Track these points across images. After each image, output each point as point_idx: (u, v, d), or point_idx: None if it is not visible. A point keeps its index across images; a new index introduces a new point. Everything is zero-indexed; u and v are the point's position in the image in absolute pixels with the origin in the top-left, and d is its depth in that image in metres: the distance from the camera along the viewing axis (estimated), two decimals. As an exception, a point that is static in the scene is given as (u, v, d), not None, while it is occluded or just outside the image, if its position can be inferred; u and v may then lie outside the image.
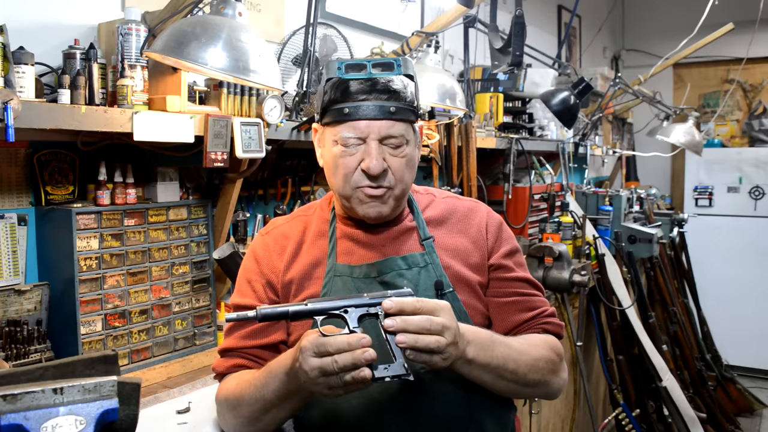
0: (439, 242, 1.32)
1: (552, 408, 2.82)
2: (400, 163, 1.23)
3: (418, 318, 1.05)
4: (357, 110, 1.19)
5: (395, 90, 1.21)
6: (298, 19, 2.32)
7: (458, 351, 1.10)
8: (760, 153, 5.22)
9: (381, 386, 1.20)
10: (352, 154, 1.22)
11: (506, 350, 1.20)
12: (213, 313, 1.94)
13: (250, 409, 1.20)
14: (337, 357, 1.01)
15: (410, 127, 1.25)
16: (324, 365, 1.02)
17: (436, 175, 2.75)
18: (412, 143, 1.26)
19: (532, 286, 1.37)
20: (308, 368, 1.03)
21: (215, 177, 1.97)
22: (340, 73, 1.21)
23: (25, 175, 1.65)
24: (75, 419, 0.84)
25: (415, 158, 1.28)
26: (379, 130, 1.20)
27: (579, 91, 2.92)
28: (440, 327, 1.06)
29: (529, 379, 1.22)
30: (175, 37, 1.48)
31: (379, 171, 1.20)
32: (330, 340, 1.04)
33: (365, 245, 1.30)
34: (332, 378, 1.03)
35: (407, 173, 1.25)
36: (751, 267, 5.12)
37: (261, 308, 1.08)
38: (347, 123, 1.20)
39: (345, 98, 1.20)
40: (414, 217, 1.34)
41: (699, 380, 4.02)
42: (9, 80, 1.37)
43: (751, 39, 4.19)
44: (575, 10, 3.83)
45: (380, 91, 1.20)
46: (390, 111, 1.19)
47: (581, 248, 3.18)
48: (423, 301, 1.08)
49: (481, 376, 1.17)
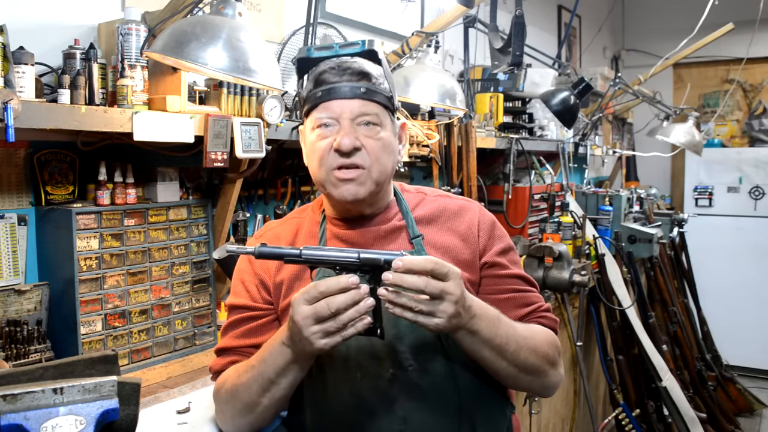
0: (429, 240, 1.32)
1: (552, 408, 2.82)
2: (375, 143, 1.24)
3: (413, 278, 1.05)
4: (329, 92, 1.23)
5: (367, 72, 1.24)
6: (298, 19, 2.32)
7: (460, 321, 1.10)
8: (760, 153, 5.22)
9: (371, 387, 1.21)
10: (327, 137, 1.24)
11: (510, 330, 1.20)
12: (213, 313, 1.95)
13: (248, 391, 1.20)
14: (331, 299, 1.04)
15: (385, 112, 1.27)
16: (317, 310, 1.04)
17: (436, 175, 2.75)
18: (388, 129, 1.27)
19: (527, 282, 1.37)
20: (301, 318, 1.05)
21: (215, 177, 1.97)
22: (309, 53, 1.27)
23: (25, 175, 1.65)
24: (75, 419, 0.84)
25: (393, 145, 1.29)
26: (351, 109, 1.23)
27: (579, 91, 2.92)
28: (438, 291, 1.06)
29: (529, 364, 1.22)
30: (175, 37, 1.48)
31: (350, 147, 1.21)
32: (318, 282, 1.06)
33: (354, 245, 1.31)
34: (328, 324, 1.05)
35: (384, 156, 1.26)
36: (751, 267, 5.12)
37: (260, 246, 1.12)
38: (321, 105, 1.24)
39: (319, 84, 1.25)
40: (403, 215, 1.34)
41: (699, 380, 4.02)
42: (9, 80, 1.37)
43: (751, 39, 4.19)
44: (575, 10, 3.83)
45: (352, 73, 1.24)
46: (362, 91, 1.23)
47: (581, 248, 3.17)
48: (437, 262, 1.07)
49: (482, 351, 1.16)
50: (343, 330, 1.06)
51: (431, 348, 1.24)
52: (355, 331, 1.06)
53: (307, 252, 1.11)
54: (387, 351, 1.22)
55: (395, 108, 1.30)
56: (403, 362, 1.22)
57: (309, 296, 1.06)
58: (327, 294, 1.05)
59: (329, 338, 1.06)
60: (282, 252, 1.12)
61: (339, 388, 1.23)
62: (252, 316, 1.31)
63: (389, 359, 1.22)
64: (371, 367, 1.22)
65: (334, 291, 1.05)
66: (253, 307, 1.32)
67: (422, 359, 1.23)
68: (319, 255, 1.11)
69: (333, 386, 1.24)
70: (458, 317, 1.09)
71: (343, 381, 1.23)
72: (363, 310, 1.06)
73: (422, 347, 1.24)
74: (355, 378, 1.23)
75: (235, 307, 1.33)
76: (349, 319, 1.05)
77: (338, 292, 1.05)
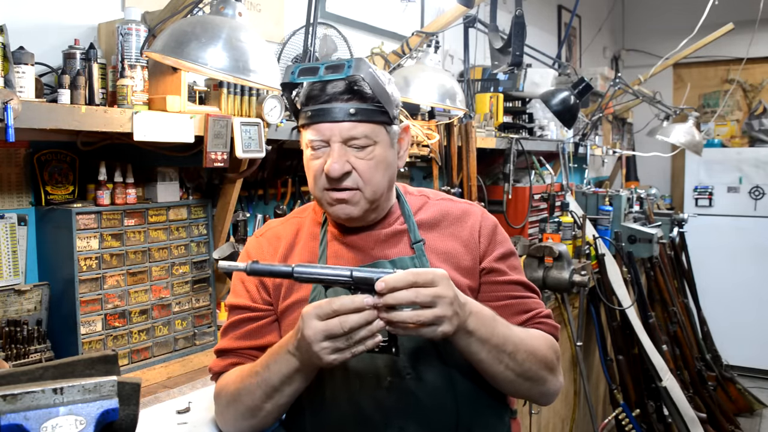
0: (431, 245, 1.30)
1: (552, 408, 2.82)
2: (367, 165, 1.21)
3: (403, 293, 1.05)
4: (318, 113, 1.20)
5: (358, 90, 1.20)
6: (298, 19, 2.32)
7: (459, 320, 1.09)
8: (760, 153, 5.22)
9: (369, 396, 1.21)
10: (319, 157, 1.22)
11: (507, 331, 1.19)
12: (213, 313, 1.95)
13: (251, 397, 1.20)
14: (345, 318, 1.03)
15: (379, 127, 1.23)
16: (329, 327, 1.04)
17: (436, 175, 2.75)
18: (383, 143, 1.23)
19: (527, 288, 1.35)
20: (312, 332, 1.04)
21: (215, 177, 1.97)
22: (293, 78, 1.21)
23: (25, 175, 1.65)
24: (75, 419, 0.84)
25: (388, 159, 1.25)
26: (340, 133, 1.19)
27: (579, 91, 2.92)
28: (430, 298, 1.05)
29: (527, 368, 1.20)
30: (175, 37, 1.48)
31: (339, 174, 1.19)
32: (332, 299, 1.05)
33: (354, 248, 1.30)
34: (339, 341, 1.04)
35: (378, 174, 1.23)
36: (751, 267, 5.12)
37: (251, 263, 1.10)
38: (311, 126, 1.22)
39: (309, 102, 1.22)
40: (405, 219, 1.33)
41: (699, 380, 4.02)
42: (9, 80, 1.37)
43: (751, 39, 4.18)
44: (575, 10, 3.84)
45: (342, 92, 1.19)
46: (350, 113, 1.19)
47: (581, 248, 3.17)
48: (417, 273, 1.06)
49: (479, 352, 1.15)
50: (353, 347, 1.05)
51: (429, 355, 1.23)
52: (365, 348, 1.06)
53: (299, 270, 1.10)
54: (385, 360, 1.21)
55: (394, 117, 1.26)
56: (402, 371, 1.22)
57: (322, 312, 1.05)
58: (340, 312, 1.04)
59: (338, 354, 1.06)
60: (273, 270, 1.11)
61: (337, 397, 1.23)
62: (252, 317, 1.31)
63: (387, 368, 1.22)
64: (369, 376, 1.22)
65: (348, 310, 1.04)
66: (253, 308, 1.31)
67: (420, 367, 1.22)
68: (312, 273, 1.10)
69: (331, 394, 1.24)
70: (457, 317, 1.08)
71: (341, 389, 1.23)
72: (375, 330, 1.05)
73: (420, 355, 1.23)
74: (353, 386, 1.22)
75: (235, 308, 1.33)
76: (361, 338, 1.05)
77: (352, 311, 1.04)
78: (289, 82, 1.22)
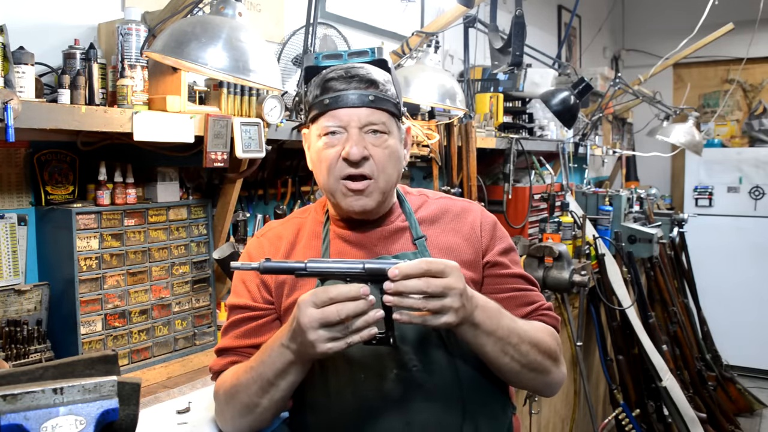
0: (432, 241, 1.32)
1: (552, 408, 2.82)
2: (382, 153, 1.24)
3: (414, 282, 1.06)
4: (337, 99, 1.23)
5: (374, 80, 1.24)
6: (298, 19, 2.32)
7: (465, 312, 1.10)
8: (760, 153, 5.22)
9: (375, 388, 1.21)
10: (334, 146, 1.24)
11: (512, 323, 1.21)
12: (213, 313, 1.95)
13: (247, 392, 1.20)
14: (342, 306, 1.04)
15: (392, 119, 1.27)
16: (326, 314, 1.04)
17: (436, 175, 2.75)
18: (395, 136, 1.28)
19: (528, 281, 1.38)
20: (307, 320, 1.05)
21: (215, 177, 1.97)
22: (317, 62, 1.26)
23: (25, 175, 1.65)
24: (75, 419, 0.84)
25: (399, 153, 1.29)
26: (359, 118, 1.22)
27: (579, 91, 2.92)
28: (440, 289, 1.06)
29: (531, 359, 1.22)
30: (175, 37, 1.48)
31: (359, 157, 1.21)
32: (328, 287, 1.06)
33: (357, 246, 1.31)
34: (335, 329, 1.05)
35: (390, 165, 1.26)
36: (751, 267, 5.12)
37: (264, 262, 1.11)
38: (328, 113, 1.24)
39: (326, 92, 1.24)
40: (406, 217, 1.35)
41: (699, 380, 4.02)
42: (9, 80, 1.37)
43: (751, 39, 4.19)
44: (575, 10, 3.83)
45: (359, 81, 1.23)
46: (370, 99, 1.22)
47: (581, 248, 3.17)
48: (431, 262, 1.08)
49: (485, 345, 1.17)
50: (348, 336, 1.06)
51: (434, 347, 1.24)
52: (360, 339, 1.06)
53: (312, 265, 1.10)
54: (390, 352, 1.22)
55: (401, 114, 1.31)
56: (407, 363, 1.22)
57: (318, 300, 1.06)
58: (337, 300, 1.05)
59: (333, 343, 1.06)
60: (287, 267, 1.12)
61: (342, 390, 1.23)
62: (252, 316, 1.31)
63: (393, 360, 1.22)
64: (375, 368, 1.22)
65: (345, 298, 1.05)
66: (253, 307, 1.31)
67: (426, 359, 1.23)
68: (326, 267, 1.11)
69: (336, 388, 1.24)
70: (464, 309, 1.10)
71: (345, 382, 1.23)
72: (371, 320, 1.06)
73: (425, 347, 1.24)
74: (358, 379, 1.22)
75: (235, 307, 1.33)
76: (357, 328, 1.05)
77: (349, 299, 1.05)
78: (314, 65, 1.27)
